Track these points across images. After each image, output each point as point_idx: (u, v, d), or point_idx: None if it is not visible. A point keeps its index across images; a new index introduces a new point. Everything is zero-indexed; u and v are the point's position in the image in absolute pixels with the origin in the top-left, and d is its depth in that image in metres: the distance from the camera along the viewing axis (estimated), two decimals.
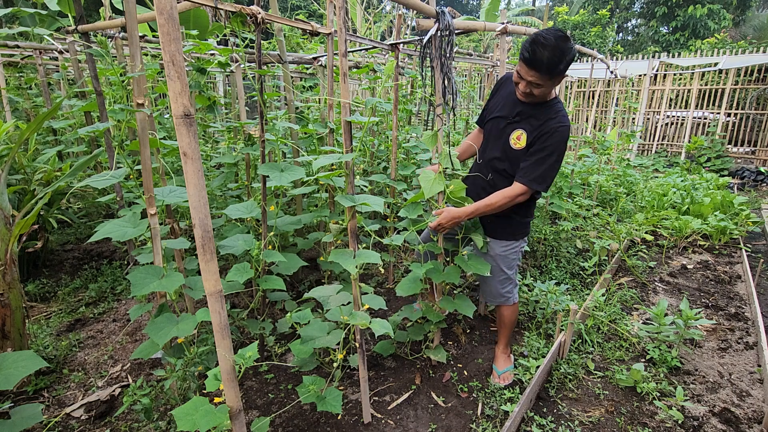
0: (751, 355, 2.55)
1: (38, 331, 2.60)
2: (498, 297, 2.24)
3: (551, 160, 1.86)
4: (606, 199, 5.24)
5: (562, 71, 1.75)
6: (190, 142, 0.98)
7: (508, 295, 2.23)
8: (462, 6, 27.42)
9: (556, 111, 1.88)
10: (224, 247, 1.86)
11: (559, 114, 1.87)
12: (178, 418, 1.19)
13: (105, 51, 1.81)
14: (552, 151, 1.86)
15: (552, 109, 1.89)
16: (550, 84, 1.79)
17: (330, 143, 2.57)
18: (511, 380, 2.23)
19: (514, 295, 2.25)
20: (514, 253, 2.17)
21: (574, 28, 15.69)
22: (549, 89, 1.83)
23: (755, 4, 16.31)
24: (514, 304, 2.26)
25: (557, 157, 1.87)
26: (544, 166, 1.87)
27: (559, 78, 1.78)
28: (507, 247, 2.14)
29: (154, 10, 0.91)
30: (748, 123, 9.39)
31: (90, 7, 9.74)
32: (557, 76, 1.77)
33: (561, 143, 1.85)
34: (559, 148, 1.86)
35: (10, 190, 2.60)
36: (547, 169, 1.87)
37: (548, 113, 1.88)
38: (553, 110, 1.88)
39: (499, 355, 2.32)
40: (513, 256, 2.17)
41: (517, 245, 2.17)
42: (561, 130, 1.84)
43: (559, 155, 1.87)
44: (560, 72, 1.75)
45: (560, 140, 1.85)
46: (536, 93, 1.83)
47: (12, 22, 6.55)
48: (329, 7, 2.26)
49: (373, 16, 5.46)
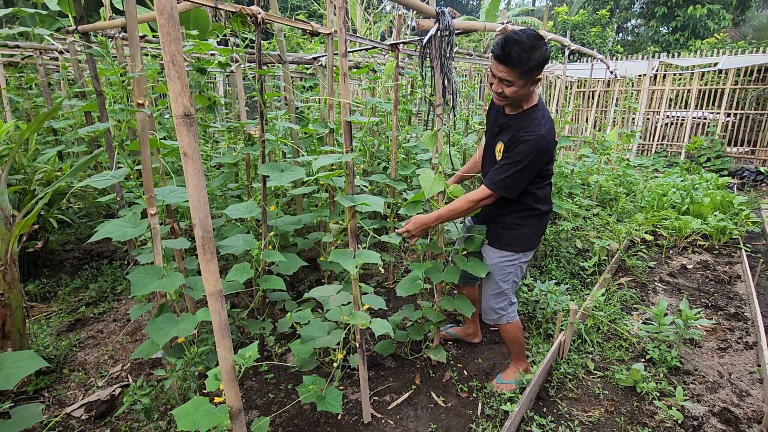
0: (750, 355, 2.55)
1: (38, 331, 2.60)
2: (490, 313, 2.15)
3: (516, 168, 1.80)
4: (606, 199, 5.24)
5: (533, 69, 1.70)
6: (191, 142, 0.98)
7: (501, 313, 2.12)
8: (462, 6, 27.42)
9: (530, 120, 1.83)
10: (224, 247, 1.87)
11: (533, 123, 1.81)
12: (178, 418, 1.19)
13: (105, 51, 1.81)
14: (519, 160, 1.80)
15: (527, 119, 1.84)
16: (521, 83, 1.74)
17: (330, 143, 2.57)
18: (506, 391, 2.15)
19: (509, 315, 2.13)
20: (511, 266, 2.06)
21: (574, 28, 15.69)
22: (520, 90, 1.77)
23: (755, 4, 16.31)
24: (509, 324, 2.14)
25: (524, 167, 1.80)
26: (509, 173, 1.82)
27: (529, 77, 1.73)
28: (504, 258, 2.04)
29: (154, 10, 0.91)
30: (747, 123, 9.40)
31: (90, 7, 9.74)
32: (527, 74, 1.71)
33: (529, 153, 1.78)
34: (527, 157, 1.79)
35: (10, 190, 2.60)
36: (511, 176, 1.82)
37: (522, 123, 1.84)
38: (527, 120, 1.84)
39: (507, 369, 2.28)
40: (509, 269, 2.06)
41: (515, 258, 2.04)
42: (530, 139, 1.78)
43: (526, 165, 1.80)
44: (530, 69, 1.70)
45: (528, 150, 1.78)
46: (507, 93, 1.78)
47: (12, 22, 6.55)
48: (329, 7, 2.26)
49: (373, 17, 5.46)
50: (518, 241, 2.02)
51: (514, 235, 2.02)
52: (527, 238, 2.02)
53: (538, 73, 1.74)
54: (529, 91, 1.80)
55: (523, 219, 2.00)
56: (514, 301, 2.16)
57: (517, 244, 2.03)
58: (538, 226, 2.04)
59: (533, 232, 2.03)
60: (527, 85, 1.76)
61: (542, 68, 1.72)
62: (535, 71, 1.72)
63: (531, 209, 1.99)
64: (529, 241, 2.04)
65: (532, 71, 1.71)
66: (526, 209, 1.99)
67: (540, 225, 2.05)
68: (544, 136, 1.78)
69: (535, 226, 2.03)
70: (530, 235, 2.03)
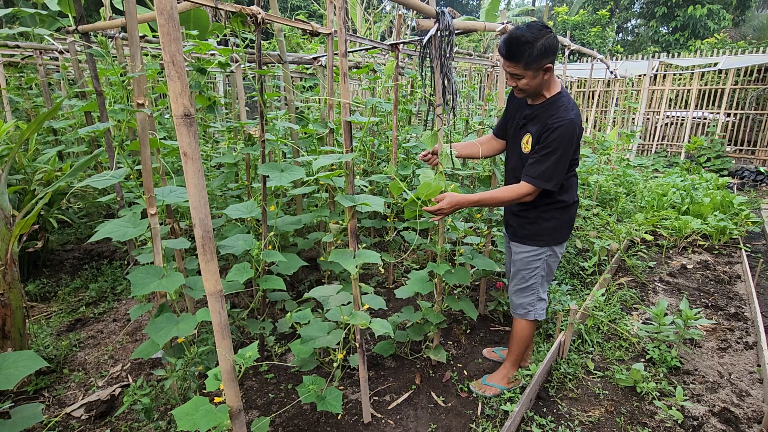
0: (750, 355, 2.55)
1: (38, 331, 2.60)
2: (516, 308, 2.12)
3: (554, 156, 1.79)
4: (606, 199, 5.24)
5: (537, 59, 1.70)
6: (191, 142, 0.98)
7: (529, 308, 2.08)
8: (462, 6, 27.42)
9: (557, 107, 1.82)
10: (224, 247, 1.87)
11: (560, 109, 1.81)
12: (178, 418, 1.19)
13: (105, 51, 1.81)
14: (554, 149, 1.79)
15: (552, 107, 1.84)
16: (530, 74, 1.75)
17: (330, 143, 2.57)
18: (489, 394, 2.13)
19: (537, 311, 2.08)
20: (537, 260, 2.02)
21: (574, 29, 15.69)
22: (532, 81, 1.78)
23: (755, 4, 16.31)
24: (532, 321, 2.11)
25: (561, 154, 1.79)
26: (548, 163, 1.80)
27: (536, 67, 1.73)
28: (528, 253, 2.02)
29: (154, 10, 0.91)
30: (747, 123, 9.40)
31: (90, 7, 9.74)
32: (532, 65, 1.72)
33: (562, 139, 1.78)
34: (561, 144, 1.78)
35: (10, 190, 2.60)
36: (550, 166, 1.80)
37: (549, 111, 1.83)
38: (554, 107, 1.83)
39: (498, 370, 2.22)
40: (536, 264, 2.03)
41: (541, 252, 2.01)
42: (561, 125, 1.77)
43: (563, 152, 1.79)
44: (534, 60, 1.70)
45: (561, 136, 1.77)
46: (521, 86, 1.81)
47: (12, 22, 6.55)
48: (329, 7, 2.26)
49: (373, 17, 5.46)
50: (542, 235, 1.99)
51: (537, 229, 1.99)
52: (551, 231, 1.99)
53: (546, 62, 1.73)
54: (544, 80, 1.79)
55: (547, 212, 1.97)
56: (543, 297, 2.11)
57: (541, 238, 1.99)
58: (562, 219, 2.00)
59: (558, 225, 1.99)
60: (538, 75, 1.76)
61: (549, 56, 1.71)
62: (541, 60, 1.71)
63: (555, 202, 1.95)
64: (554, 234, 2.00)
65: (537, 61, 1.71)
66: (550, 202, 1.95)
67: (565, 218, 2.00)
68: (574, 120, 1.78)
69: (560, 219, 1.99)
70: (555, 228, 1.99)
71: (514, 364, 2.19)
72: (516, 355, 2.17)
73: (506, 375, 2.17)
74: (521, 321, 2.11)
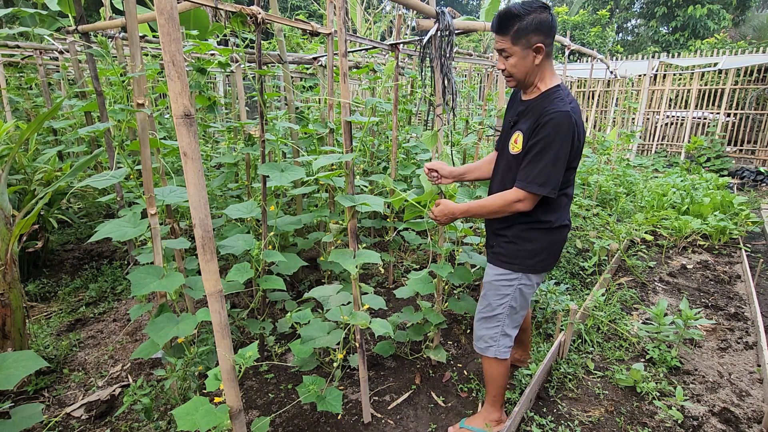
0: (750, 355, 2.55)
1: (38, 331, 2.60)
2: (477, 339, 1.85)
3: (549, 154, 1.52)
4: (606, 199, 5.25)
5: (526, 32, 1.51)
6: (191, 142, 0.98)
7: (490, 342, 1.79)
8: (462, 6, 27.41)
9: (552, 100, 1.56)
10: (224, 247, 1.87)
11: (555, 101, 1.55)
12: (178, 418, 1.19)
13: (105, 51, 1.81)
14: (546, 146, 1.52)
15: (547, 99, 1.58)
16: (517, 50, 1.55)
17: (330, 143, 2.57)
18: None
19: (499, 348, 1.78)
20: (508, 287, 1.73)
21: (574, 29, 15.70)
22: (520, 61, 1.56)
23: (755, 4, 16.31)
24: (494, 359, 1.80)
25: (557, 151, 1.51)
26: (541, 163, 1.53)
27: (524, 43, 1.53)
28: (500, 276, 1.75)
29: (154, 10, 0.91)
30: (747, 123, 9.40)
31: (90, 7, 9.74)
32: (520, 39, 1.53)
33: (556, 133, 1.50)
34: (557, 139, 1.51)
35: (10, 190, 2.60)
36: (545, 166, 1.52)
37: (543, 104, 1.57)
38: (547, 100, 1.58)
39: (479, 412, 1.95)
40: (505, 291, 1.74)
41: (514, 278, 1.72)
42: (554, 117, 1.50)
43: (559, 149, 1.51)
44: (523, 32, 1.51)
45: (554, 129, 1.50)
46: (509, 68, 1.60)
47: (12, 22, 6.55)
48: (329, 7, 2.26)
49: (373, 17, 5.46)
50: (518, 257, 1.71)
51: (513, 250, 1.71)
52: (530, 255, 1.70)
53: (536, 39, 1.52)
54: (535, 65, 1.57)
55: (526, 231, 1.69)
56: (509, 333, 1.79)
57: (515, 261, 1.71)
58: (544, 243, 1.70)
59: (538, 249, 1.70)
60: (527, 55, 1.55)
61: (541, 34, 1.52)
62: (531, 36, 1.52)
63: (537, 221, 1.67)
64: (533, 259, 1.70)
65: (525, 36, 1.52)
66: (531, 221, 1.68)
67: (548, 242, 1.70)
68: (570, 113, 1.51)
69: (541, 242, 1.69)
70: (534, 253, 1.70)
71: (494, 404, 1.89)
72: (492, 395, 1.88)
73: (486, 417, 1.89)
74: (485, 359, 1.84)
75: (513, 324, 1.80)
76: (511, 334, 1.80)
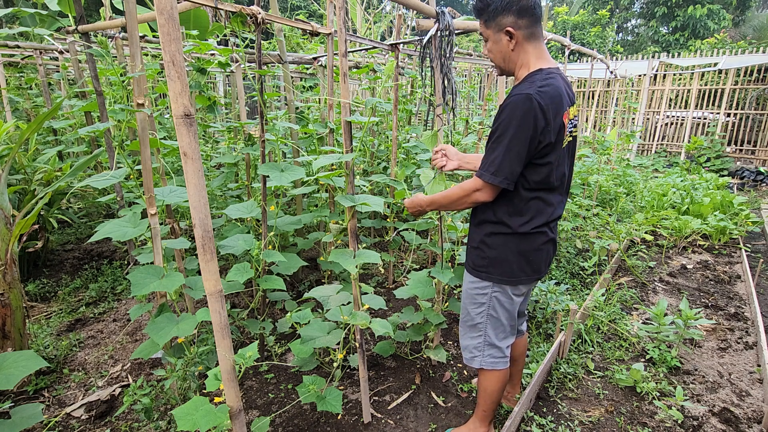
0: (750, 355, 2.55)
1: (38, 331, 2.60)
2: (463, 349, 1.75)
3: (503, 142, 1.38)
4: (606, 199, 5.25)
5: (495, 13, 1.43)
6: (191, 142, 0.98)
7: (475, 353, 1.69)
8: (462, 6, 27.41)
9: (523, 83, 1.44)
10: (224, 247, 1.87)
11: (523, 83, 1.42)
12: (178, 418, 1.19)
13: (105, 51, 1.81)
14: (503, 132, 1.38)
15: (522, 83, 1.44)
16: (491, 34, 1.47)
17: (330, 143, 2.57)
18: None
19: (484, 358, 1.68)
20: (482, 296, 1.61)
21: (574, 29, 15.70)
22: (495, 45, 1.48)
23: (755, 4, 16.31)
24: (483, 369, 1.70)
25: (511, 138, 1.36)
26: (496, 151, 1.40)
27: (495, 25, 1.45)
28: (473, 285, 1.64)
29: (154, 10, 0.91)
30: (747, 123, 9.40)
31: (90, 7, 9.75)
32: (492, 21, 1.45)
33: (511, 117, 1.36)
34: (510, 124, 1.36)
35: (10, 190, 2.60)
36: (498, 154, 1.39)
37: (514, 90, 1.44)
38: (522, 84, 1.44)
39: (465, 424, 1.85)
40: (480, 300, 1.62)
41: (486, 287, 1.59)
42: (512, 101, 1.37)
43: (513, 135, 1.36)
44: (492, 14, 1.43)
45: (509, 114, 1.36)
46: (488, 52, 1.53)
47: (12, 22, 6.55)
48: (329, 7, 2.26)
49: (373, 17, 5.46)
50: (483, 266, 1.58)
51: (478, 257, 1.59)
52: (495, 263, 1.55)
53: (506, 21, 1.42)
54: (510, 50, 1.47)
55: (490, 237, 1.55)
56: (497, 344, 1.67)
57: (482, 270, 1.58)
58: (508, 251, 1.53)
59: (502, 257, 1.53)
60: (500, 39, 1.46)
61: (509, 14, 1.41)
62: (500, 18, 1.43)
63: (501, 224, 1.51)
64: (499, 268, 1.55)
65: (494, 18, 1.44)
66: (496, 224, 1.53)
67: (514, 250, 1.52)
68: (532, 96, 1.34)
69: (504, 250, 1.53)
70: (498, 261, 1.54)
71: (483, 420, 1.78)
72: (483, 409, 1.77)
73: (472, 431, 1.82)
74: (479, 369, 1.73)
75: (499, 334, 1.67)
76: (499, 344, 1.67)
